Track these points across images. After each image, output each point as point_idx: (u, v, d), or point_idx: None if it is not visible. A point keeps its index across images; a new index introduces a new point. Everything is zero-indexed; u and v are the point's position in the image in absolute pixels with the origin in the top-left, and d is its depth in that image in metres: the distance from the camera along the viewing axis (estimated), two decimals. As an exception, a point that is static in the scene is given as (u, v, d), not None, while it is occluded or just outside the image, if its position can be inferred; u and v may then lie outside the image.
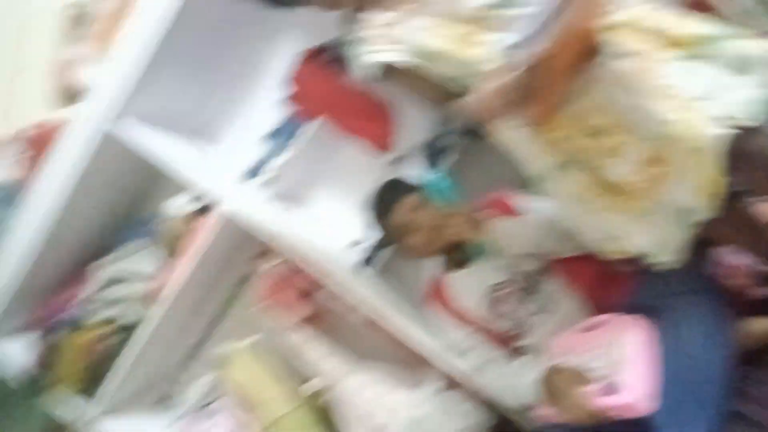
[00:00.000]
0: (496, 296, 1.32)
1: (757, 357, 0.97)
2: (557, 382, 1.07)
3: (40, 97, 1.74)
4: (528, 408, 1.23)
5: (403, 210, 1.35)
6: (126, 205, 1.81)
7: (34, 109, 1.78)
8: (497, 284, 1.31)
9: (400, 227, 1.36)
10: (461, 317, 1.36)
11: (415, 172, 1.55)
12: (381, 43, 1.00)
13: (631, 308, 1.13)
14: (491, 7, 0.91)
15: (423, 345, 1.42)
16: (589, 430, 1.08)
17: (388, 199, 1.39)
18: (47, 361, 1.69)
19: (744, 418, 0.91)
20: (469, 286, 1.36)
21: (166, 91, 1.55)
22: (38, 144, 1.68)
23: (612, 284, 1.28)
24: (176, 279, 1.56)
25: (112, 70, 1.42)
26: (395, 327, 1.43)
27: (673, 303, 0.98)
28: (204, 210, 1.61)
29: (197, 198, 1.62)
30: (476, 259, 1.31)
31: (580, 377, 1.06)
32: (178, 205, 1.60)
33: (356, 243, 1.67)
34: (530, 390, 1.14)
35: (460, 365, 1.37)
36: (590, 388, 1.02)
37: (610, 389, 0.98)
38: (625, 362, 0.99)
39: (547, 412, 1.12)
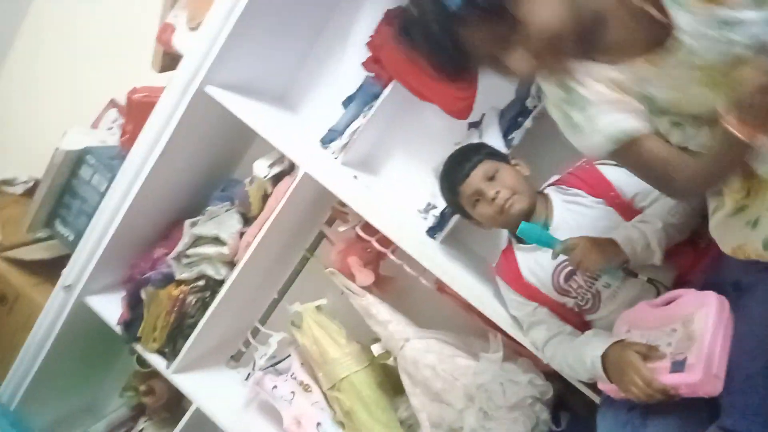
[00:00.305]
0: (565, 271, 1.29)
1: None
2: (625, 357, 1.03)
3: (142, 63, 1.88)
4: (593, 382, 1.20)
5: (477, 178, 1.34)
6: (217, 167, 1.90)
7: (137, 75, 1.91)
8: (566, 260, 1.27)
9: (473, 195, 1.35)
10: (529, 291, 1.34)
11: (490, 139, 1.53)
12: (618, 109, 0.83)
13: (711, 284, 1.07)
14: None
15: (490, 313, 1.41)
16: (655, 406, 1.04)
17: (462, 166, 1.38)
18: (136, 314, 1.79)
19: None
20: (537, 260, 1.33)
21: (252, 56, 1.62)
22: (137, 110, 1.80)
23: (695, 258, 1.22)
24: (255, 239, 1.63)
25: (202, 36, 1.50)
26: (464, 293, 1.42)
27: (757, 280, 0.92)
28: (285, 173, 1.67)
29: (279, 161, 1.68)
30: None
31: (648, 353, 1.01)
32: (261, 168, 1.66)
33: (428, 208, 1.68)
34: (597, 364, 1.10)
35: (526, 338, 1.36)
36: (658, 365, 0.99)
37: (679, 366, 0.94)
38: (696, 340, 0.94)
39: (610, 388, 1.09)
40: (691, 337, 0.95)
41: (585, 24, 0.77)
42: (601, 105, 0.83)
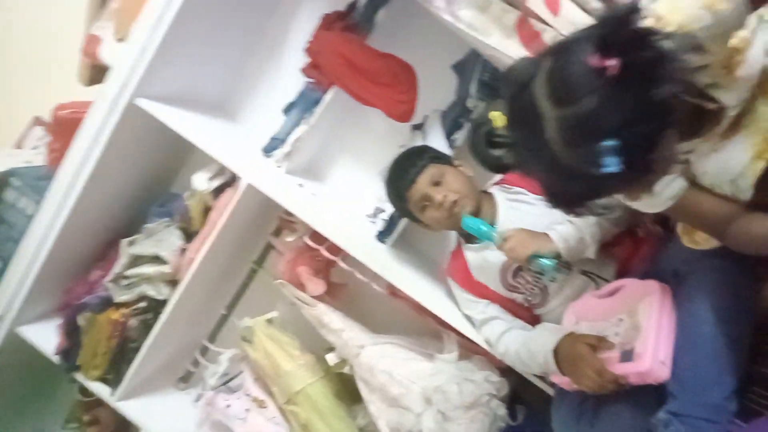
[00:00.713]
0: (513, 268, 1.31)
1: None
2: (577, 350, 1.06)
3: (67, 77, 1.78)
4: (546, 375, 1.22)
5: (423, 184, 1.35)
6: (153, 183, 1.83)
7: (63, 90, 1.81)
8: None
9: (420, 201, 1.35)
10: (479, 290, 1.36)
11: (434, 141, 1.54)
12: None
13: (652, 273, 1.11)
14: None
15: (443, 314, 1.41)
16: (606, 396, 1.07)
17: (407, 171, 1.38)
18: (74, 342, 1.70)
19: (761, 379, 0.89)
20: (486, 259, 1.35)
21: (185, 66, 1.56)
22: (64, 126, 1.70)
23: (634, 248, 1.27)
24: (198, 255, 1.58)
25: (130, 47, 1.43)
26: (416, 296, 1.42)
27: (695, 268, 0.96)
28: (226, 185, 1.62)
29: (220, 173, 1.63)
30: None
31: (598, 344, 1.04)
32: (200, 181, 1.61)
33: (376, 213, 1.67)
34: (549, 359, 1.13)
35: (479, 335, 1.37)
36: (608, 355, 1.01)
37: (627, 356, 0.97)
38: (642, 329, 0.97)
39: (563, 380, 1.11)
40: (637, 326, 0.98)
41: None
42: None
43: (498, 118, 0.77)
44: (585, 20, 1.07)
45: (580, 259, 1.22)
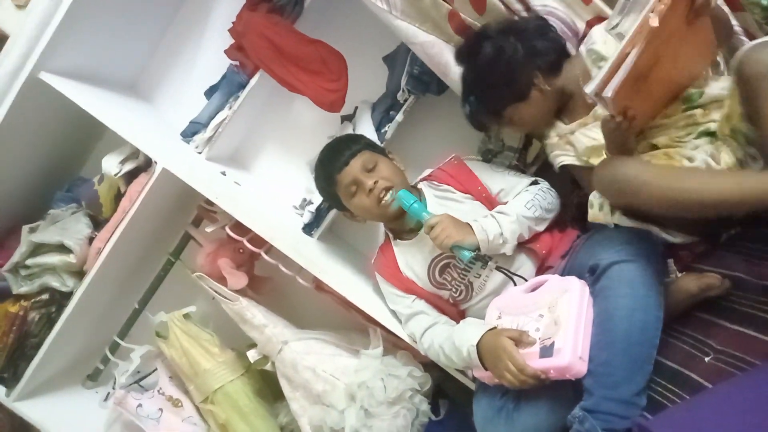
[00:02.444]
0: (440, 265, 1.31)
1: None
2: (499, 344, 1.07)
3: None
4: (469, 369, 1.23)
5: (356, 168, 1.31)
6: (60, 165, 1.69)
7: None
8: (441, 254, 1.30)
9: (350, 185, 1.32)
10: (406, 285, 1.35)
11: (364, 133, 1.50)
12: (562, 149, 1.25)
13: (571, 269, 1.14)
14: None
15: (369, 308, 1.38)
16: (526, 391, 1.09)
17: (341, 154, 1.34)
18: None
19: (666, 370, 0.94)
20: (414, 255, 1.34)
21: (96, 39, 1.44)
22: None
23: (552, 244, 1.30)
24: (107, 245, 1.46)
25: (32, 15, 1.30)
26: (341, 290, 1.39)
27: (610, 265, 0.99)
28: (140, 170, 1.51)
29: (133, 156, 1.52)
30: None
31: (520, 338, 1.06)
32: (111, 164, 1.49)
33: (303, 204, 1.62)
34: (473, 353, 1.13)
35: (404, 330, 1.35)
36: (529, 351, 1.02)
37: (547, 351, 0.98)
38: (562, 324, 0.99)
39: (485, 374, 1.12)
40: (557, 321, 1.00)
41: None
42: None
43: None
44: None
45: (497, 254, 1.24)
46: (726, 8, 1.16)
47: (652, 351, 0.95)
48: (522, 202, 1.27)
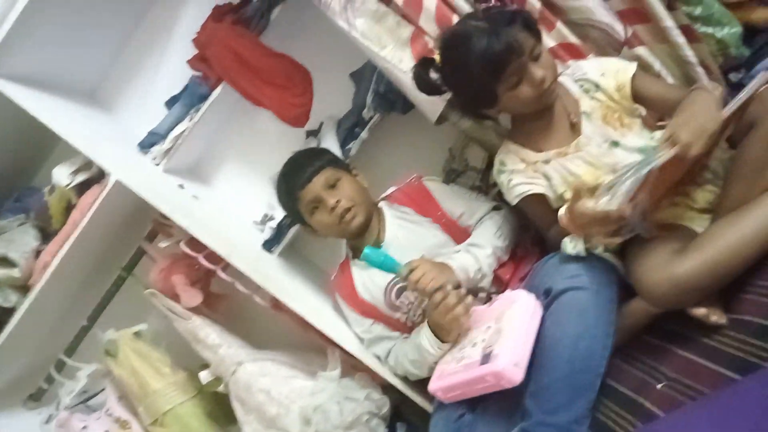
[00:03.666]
0: (396, 288, 1.29)
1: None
2: (437, 311, 1.09)
3: None
4: (433, 368, 1.20)
5: (318, 185, 1.29)
6: (8, 174, 1.63)
7: None
8: (396, 277, 1.26)
9: (312, 202, 1.29)
10: (363, 308, 1.33)
11: (329, 147, 1.48)
12: (529, 177, 1.16)
13: (528, 288, 1.13)
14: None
15: (327, 329, 1.35)
16: (483, 412, 1.09)
17: (303, 170, 1.31)
18: None
19: (620, 396, 0.93)
20: (371, 277, 1.31)
21: (52, 44, 1.39)
22: None
23: (515, 268, 1.29)
24: (54, 259, 1.40)
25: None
26: (299, 310, 1.35)
27: (563, 291, 0.99)
28: (92, 181, 1.46)
29: (86, 167, 1.46)
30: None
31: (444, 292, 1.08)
32: (62, 175, 1.43)
33: (264, 220, 1.58)
34: (427, 334, 1.14)
35: (362, 352, 1.33)
36: (470, 360, 1.02)
37: (486, 358, 0.97)
38: (503, 333, 0.98)
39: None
40: (500, 331, 0.99)
41: None
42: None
43: None
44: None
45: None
46: (682, 39, 1.19)
47: (596, 379, 0.94)
48: (492, 230, 1.26)
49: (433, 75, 1.15)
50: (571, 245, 1.00)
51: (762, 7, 1.30)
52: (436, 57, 1.13)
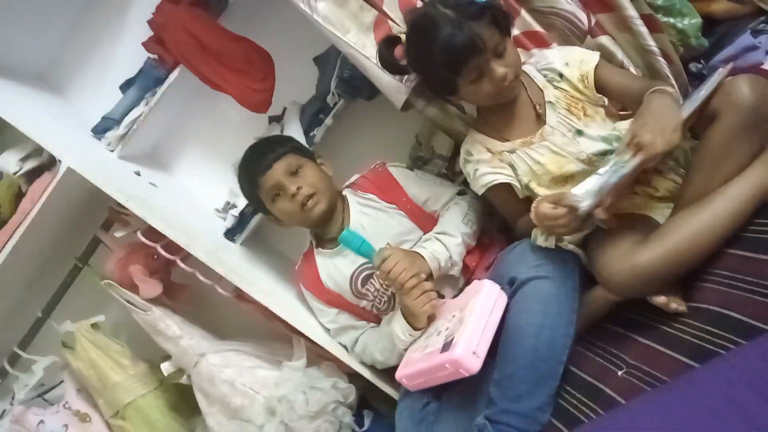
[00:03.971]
0: (362, 276, 1.28)
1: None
2: (406, 297, 1.10)
3: None
4: (402, 355, 1.20)
5: (279, 171, 1.26)
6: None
7: None
8: (363, 264, 1.26)
9: (273, 189, 1.26)
10: (328, 297, 1.31)
11: (291, 135, 1.45)
12: (495, 167, 1.15)
13: (493, 277, 1.14)
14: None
15: (292, 319, 1.33)
16: (447, 402, 1.10)
17: (264, 156, 1.27)
18: None
19: (581, 382, 0.95)
20: (336, 265, 1.30)
21: (1, 26, 1.32)
22: None
23: (480, 256, 1.29)
24: (4, 249, 1.34)
25: None
26: (263, 300, 1.32)
27: (527, 280, 1.00)
28: (43, 168, 1.40)
29: (35, 153, 1.40)
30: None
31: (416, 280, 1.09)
32: (9, 162, 1.37)
33: (227, 208, 1.55)
34: (398, 317, 1.14)
35: (328, 341, 1.31)
36: (432, 348, 1.03)
37: (447, 346, 0.98)
38: (465, 321, 0.99)
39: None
40: (462, 320, 1.00)
41: None
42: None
43: None
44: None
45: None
46: (644, 28, 1.20)
47: (558, 367, 0.95)
48: (459, 218, 1.26)
49: (398, 54, 1.13)
50: (542, 237, 1.01)
51: (721, -2, 1.33)
52: (402, 36, 1.11)
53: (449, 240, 1.21)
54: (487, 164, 1.16)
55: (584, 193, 0.89)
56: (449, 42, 1.00)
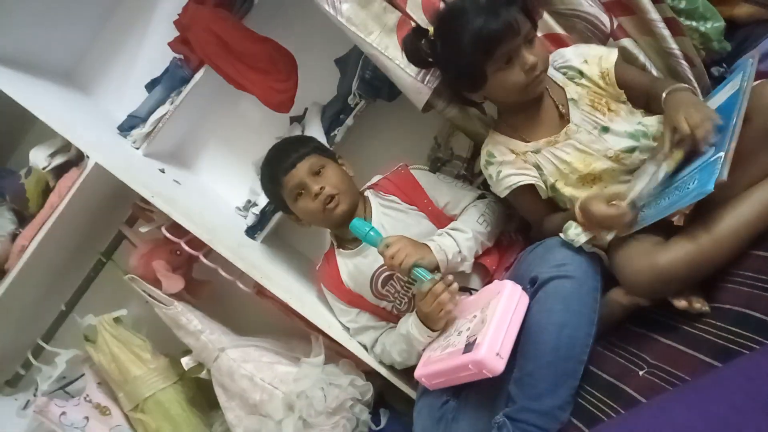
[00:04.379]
0: (383, 276, 1.29)
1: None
2: (425, 297, 1.10)
3: None
4: (419, 356, 1.20)
5: (302, 171, 1.27)
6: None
7: None
8: (383, 265, 1.24)
9: (296, 188, 1.28)
10: (349, 297, 1.32)
11: (312, 135, 1.47)
12: (519, 168, 1.15)
13: (514, 277, 1.14)
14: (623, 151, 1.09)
15: (311, 316, 1.34)
16: (466, 401, 1.10)
17: (288, 156, 1.29)
18: None
19: (602, 382, 0.95)
20: (357, 266, 1.31)
21: (29, 23, 1.35)
22: None
23: (500, 257, 1.30)
24: (32, 243, 1.37)
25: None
26: (283, 297, 1.34)
27: (549, 279, 1.00)
28: (71, 164, 1.42)
29: (64, 149, 1.43)
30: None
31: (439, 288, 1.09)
32: (39, 157, 1.39)
33: (248, 206, 1.57)
34: (416, 321, 1.15)
35: (346, 338, 1.33)
36: (454, 348, 1.03)
37: (469, 347, 0.98)
38: (488, 322, 0.99)
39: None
40: (484, 320, 1.00)
41: None
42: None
43: None
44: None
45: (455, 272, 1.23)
46: (667, 31, 1.20)
47: (578, 366, 0.95)
48: (474, 217, 1.26)
49: (425, 48, 1.14)
50: (575, 232, 1.01)
51: (744, 2, 1.33)
52: (430, 29, 1.12)
53: (459, 235, 1.21)
54: (512, 166, 1.15)
55: (643, 194, 0.94)
56: (483, 27, 1.00)
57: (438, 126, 1.59)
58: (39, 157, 1.38)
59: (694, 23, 1.25)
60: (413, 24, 1.21)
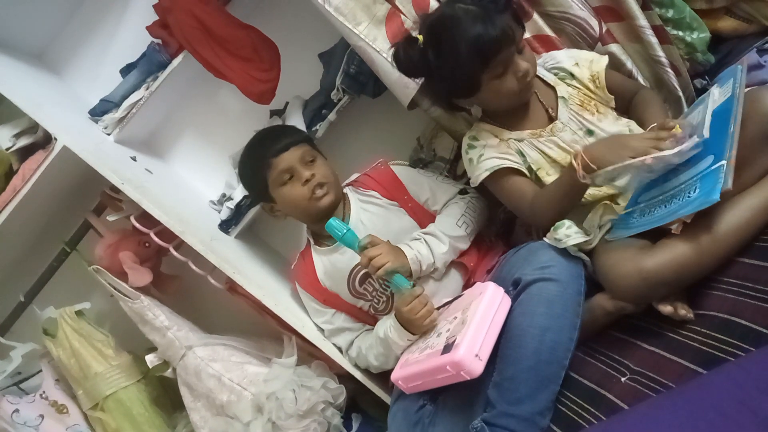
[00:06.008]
0: (360, 275, 1.25)
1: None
2: (405, 303, 1.08)
3: None
4: (395, 359, 1.17)
5: (294, 156, 1.23)
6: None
7: None
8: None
9: (285, 172, 1.23)
10: (325, 296, 1.29)
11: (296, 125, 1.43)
12: (502, 152, 1.14)
13: (496, 280, 1.12)
14: None
15: (285, 315, 1.30)
16: (444, 405, 1.07)
17: (280, 139, 1.25)
18: None
19: (583, 388, 0.93)
20: (334, 263, 1.28)
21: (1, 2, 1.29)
22: None
23: (479, 258, 1.28)
24: (-8, 227, 1.30)
25: None
26: (256, 294, 1.29)
27: (531, 282, 0.98)
28: (37, 146, 1.36)
29: (30, 130, 1.36)
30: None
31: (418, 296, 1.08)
32: (3, 137, 1.33)
33: (222, 200, 1.52)
34: (394, 323, 1.12)
35: (320, 339, 1.29)
36: (433, 349, 1.01)
37: (448, 348, 0.96)
38: (468, 323, 0.97)
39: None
40: (464, 321, 0.98)
41: None
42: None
43: None
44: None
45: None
46: (654, 39, 1.21)
47: (560, 371, 0.93)
48: (453, 219, 1.24)
49: (414, 56, 1.12)
50: (565, 232, 0.99)
51: (729, 16, 1.34)
52: (419, 38, 1.10)
53: (437, 247, 1.20)
54: (494, 149, 1.14)
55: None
56: (482, 36, 1.00)
57: (421, 125, 1.57)
58: (3, 137, 1.31)
59: (680, 33, 1.27)
60: (402, 17, 1.19)
